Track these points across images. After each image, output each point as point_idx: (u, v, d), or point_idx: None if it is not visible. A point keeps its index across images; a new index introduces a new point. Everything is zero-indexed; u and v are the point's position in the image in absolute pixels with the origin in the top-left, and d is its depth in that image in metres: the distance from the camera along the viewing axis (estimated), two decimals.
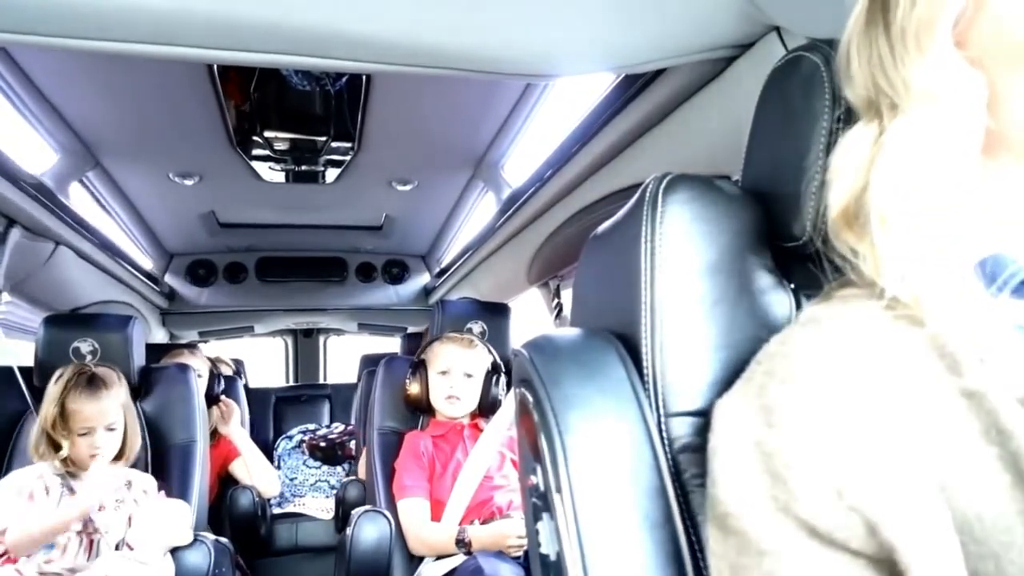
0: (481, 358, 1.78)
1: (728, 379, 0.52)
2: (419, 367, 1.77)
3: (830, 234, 0.44)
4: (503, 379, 1.79)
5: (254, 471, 2.30)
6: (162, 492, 1.60)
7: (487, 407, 1.76)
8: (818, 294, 0.48)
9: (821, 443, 0.37)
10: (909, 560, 0.34)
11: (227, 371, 2.82)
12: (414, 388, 1.75)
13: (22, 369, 1.64)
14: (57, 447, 1.45)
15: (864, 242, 0.41)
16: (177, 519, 1.52)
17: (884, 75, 0.41)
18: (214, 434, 2.26)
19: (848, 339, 0.40)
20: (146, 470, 1.67)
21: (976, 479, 0.35)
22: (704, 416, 0.53)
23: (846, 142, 0.44)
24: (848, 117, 0.49)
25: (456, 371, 1.73)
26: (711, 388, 0.53)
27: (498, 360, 1.82)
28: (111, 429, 1.51)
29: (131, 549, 1.42)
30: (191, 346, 2.64)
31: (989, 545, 0.34)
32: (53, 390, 1.49)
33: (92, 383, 1.52)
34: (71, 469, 1.47)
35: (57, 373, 1.53)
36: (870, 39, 0.42)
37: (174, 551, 1.46)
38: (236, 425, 2.32)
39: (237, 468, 2.31)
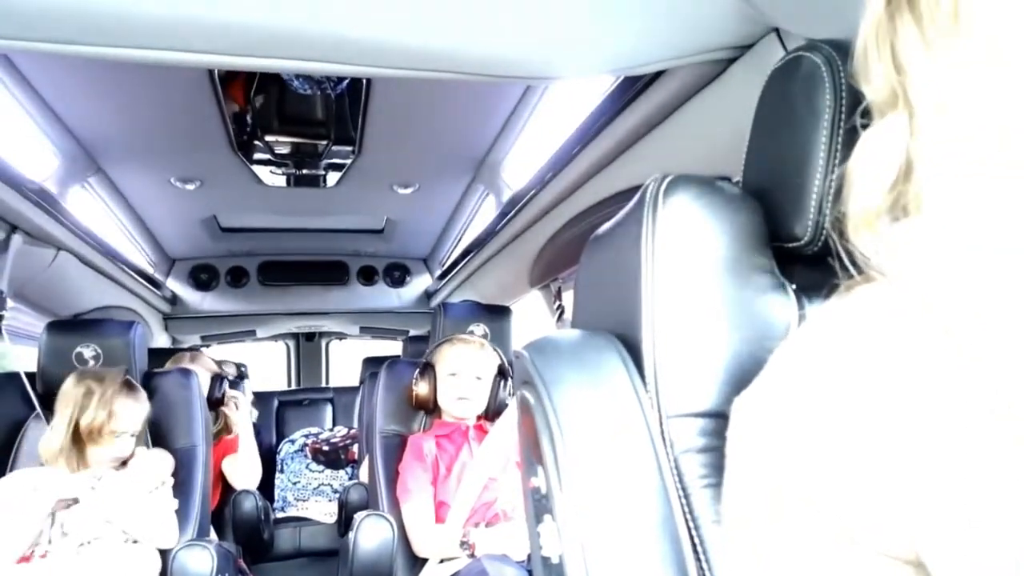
0: (490, 360, 1.79)
1: (729, 381, 0.52)
2: (427, 368, 1.78)
3: (850, 232, 0.42)
4: (510, 382, 1.79)
5: (240, 460, 2.24)
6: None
7: (493, 410, 1.77)
8: (820, 295, 0.48)
9: (843, 438, 0.37)
10: (933, 559, 0.33)
11: (231, 371, 2.82)
12: (422, 389, 1.75)
13: (26, 375, 1.65)
14: (81, 450, 1.48)
15: (885, 239, 0.39)
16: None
17: (914, 65, 0.38)
18: (216, 436, 2.25)
19: (867, 335, 0.39)
20: None
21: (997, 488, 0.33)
22: (705, 417, 0.53)
23: (871, 136, 0.41)
24: (850, 116, 0.49)
25: (466, 373, 1.74)
26: (712, 390, 0.53)
27: (505, 363, 1.82)
28: (133, 435, 1.57)
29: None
30: (194, 350, 2.63)
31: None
32: (99, 393, 1.51)
33: (133, 388, 1.59)
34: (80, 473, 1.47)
35: (71, 381, 1.54)
36: (894, 29, 0.39)
37: (176, 555, 1.45)
38: (243, 415, 2.29)
39: (226, 466, 2.27)
